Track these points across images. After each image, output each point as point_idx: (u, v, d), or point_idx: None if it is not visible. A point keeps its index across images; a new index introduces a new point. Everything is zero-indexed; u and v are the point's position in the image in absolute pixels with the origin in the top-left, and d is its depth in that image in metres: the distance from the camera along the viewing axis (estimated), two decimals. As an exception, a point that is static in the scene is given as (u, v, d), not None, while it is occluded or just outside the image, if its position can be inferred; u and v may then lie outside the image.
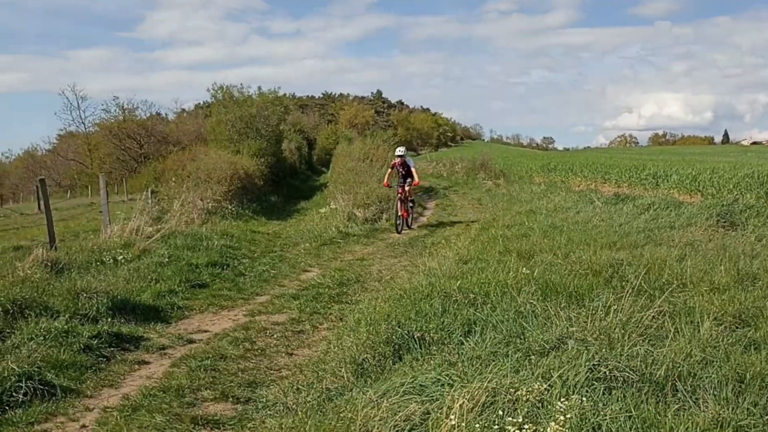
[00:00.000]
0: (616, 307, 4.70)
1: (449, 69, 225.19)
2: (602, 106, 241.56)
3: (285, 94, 38.03)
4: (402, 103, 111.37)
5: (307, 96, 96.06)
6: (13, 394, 4.69)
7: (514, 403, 3.33)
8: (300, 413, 4.13)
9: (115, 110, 42.11)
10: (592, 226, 11.07)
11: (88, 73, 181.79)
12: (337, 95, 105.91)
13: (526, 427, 2.99)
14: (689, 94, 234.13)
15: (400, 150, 15.49)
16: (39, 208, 16.06)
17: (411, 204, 15.48)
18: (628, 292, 4.99)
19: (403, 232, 14.29)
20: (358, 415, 3.44)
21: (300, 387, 4.83)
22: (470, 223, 15.02)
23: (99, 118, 43.60)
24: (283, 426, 3.91)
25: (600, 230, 10.39)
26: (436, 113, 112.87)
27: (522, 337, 4.50)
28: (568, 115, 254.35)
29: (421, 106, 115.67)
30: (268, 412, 4.48)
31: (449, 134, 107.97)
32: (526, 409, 3.23)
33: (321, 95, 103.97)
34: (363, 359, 4.86)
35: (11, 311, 6.10)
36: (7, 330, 5.79)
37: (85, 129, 46.10)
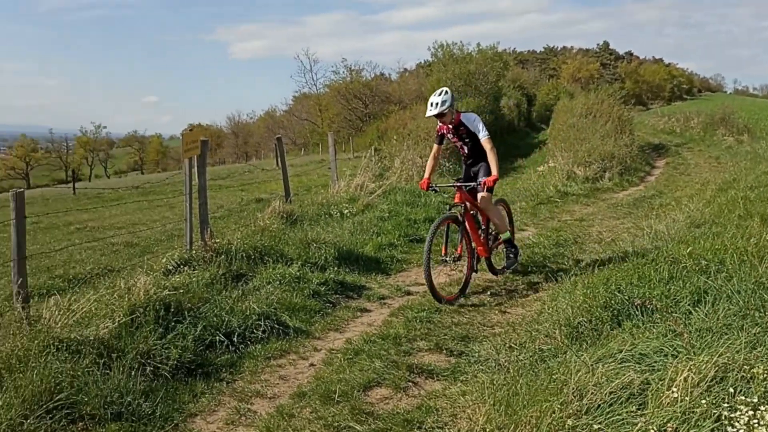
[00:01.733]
0: None
1: (686, 15, 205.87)
2: None
3: (504, 50, 37.39)
4: (631, 55, 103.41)
5: (528, 51, 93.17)
6: (254, 331, 5.27)
7: (748, 382, 3.02)
8: (512, 371, 4.13)
9: (343, 72, 44.82)
10: None
11: (320, 37, 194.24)
12: (559, 49, 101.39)
13: (762, 408, 2.69)
14: None
15: (435, 102, 6.32)
16: (277, 164, 17.60)
17: (494, 227, 6.95)
18: None
19: (459, 297, 6.38)
20: (572, 378, 3.35)
21: (512, 345, 4.84)
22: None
23: (329, 80, 46.74)
24: (494, 382, 3.94)
25: None
26: (669, 64, 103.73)
27: (761, 310, 4.04)
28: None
29: (653, 57, 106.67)
30: (480, 367, 4.55)
31: (684, 86, 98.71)
32: (762, 389, 2.91)
33: (542, 49, 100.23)
34: (578, 322, 4.71)
35: (253, 257, 6.84)
36: (250, 274, 6.51)
37: (317, 90, 49.64)
